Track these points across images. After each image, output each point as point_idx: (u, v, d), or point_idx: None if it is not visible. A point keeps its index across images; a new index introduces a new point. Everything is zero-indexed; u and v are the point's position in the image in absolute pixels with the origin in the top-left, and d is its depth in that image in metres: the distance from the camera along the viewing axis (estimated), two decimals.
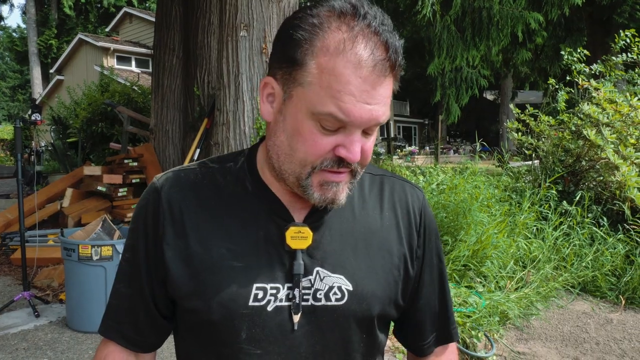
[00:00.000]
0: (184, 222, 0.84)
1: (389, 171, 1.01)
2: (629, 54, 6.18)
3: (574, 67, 6.20)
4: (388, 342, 3.14)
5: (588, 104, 5.52)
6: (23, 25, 35.79)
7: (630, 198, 4.67)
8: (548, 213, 5.02)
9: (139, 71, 21.09)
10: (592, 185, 5.57)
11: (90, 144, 9.63)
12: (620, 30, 6.36)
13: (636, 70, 6.25)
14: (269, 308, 0.81)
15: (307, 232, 0.82)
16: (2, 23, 32.19)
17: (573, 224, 4.89)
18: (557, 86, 6.32)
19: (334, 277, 0.84)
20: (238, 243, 0.83)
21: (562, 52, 6.57)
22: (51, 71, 25.36)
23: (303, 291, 0.82)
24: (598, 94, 5.50)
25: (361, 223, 0.89)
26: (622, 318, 3.90)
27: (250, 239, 0.83)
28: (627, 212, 4.75)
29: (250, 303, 0.81)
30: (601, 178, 5.41)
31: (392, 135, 22.21)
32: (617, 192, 4.96)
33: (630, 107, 5.21)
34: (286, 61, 0.76)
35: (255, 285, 0.81)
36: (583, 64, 6.22)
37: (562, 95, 6.10)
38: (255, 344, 0.82)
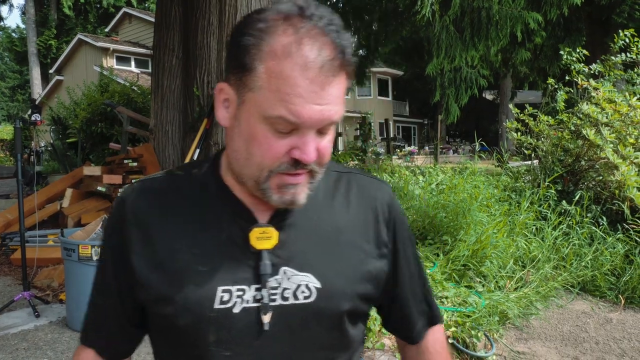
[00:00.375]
0: (150, 230, 0.85)
1: (357, 169, 1.03)
2: (628, 54, 6.18)
3: (573, 66, 6.21)
4: (388, 342, 3.14)
5: (587, 103, 5.53)
6: (22, 26, 35.80)
7: (630, 197, 4.67)
8: (547, 213, 5.03)
9: (139, 71, 21.10)
10: (591, 185, 5.58)
11: (90, 144, 9.63)
12: (620, 30, 6.37)
13: (635, 69, 6.25)
14: (235, 310, 0.82)
15: (272, 232, 0.83)
16: (2, 23, 32.17)
17: (572, 223, 4.90)
18: (556, 86, 6.33)
19: (301, 276, 0.84)
20: (202, 247, 0.84)
21: (561, 52, 6.58)
22: (51, 71, 25.35)
23: (270, 291, 0.83)
24: (597, 94, 5.51)
25: (328, 221, 0.90)
26: (621, 317, 3.91)
27: (215, 242, 0.84)
28: (627, 211, 4.75)
29: (216, 306, 0.81)
30: (600, 178, 5.42)
31: (391, 135, 22.20)
32: (617, 191, 4.97)
33: (630, 107, 5.22)
34: (237, 67, 0.77)
35: (220, 288, 0.82)
36: (582, 64, 6.23)
37: (561, 95, 6.11)
38: (224, 346, 0.82)
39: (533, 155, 6.23)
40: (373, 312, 1.04)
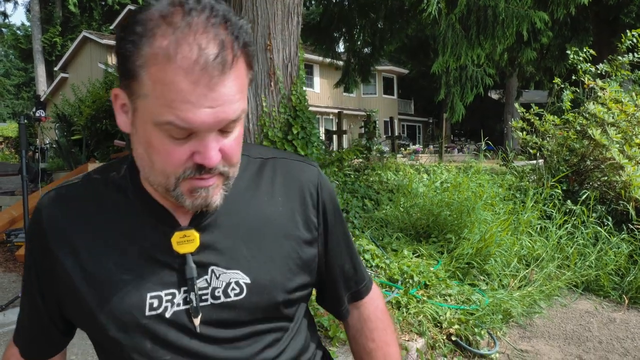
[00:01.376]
0: (68, 239, 0.82)
1: (282, 151, 0.99)
2: (635, 54, 6.15)
3: (579, 66, 6.18)
4: None
5: (593, 103, 5.50)
6: (27, 23, 35.94)
7: (635, 198, 4.66)
8: (552, 212, 5.01)
9: None
10: (596, 185, 5.56)
11: (94, 141, 9.66)
12: (627, 30, 6.33)
13: None
14: (167, 315, 0.80)
15: (193, 234, 0.81)
16: (7, 21, 32.26)
17: (577, 223, 4.88)
18: (562, 85, 6.30)
19: (229, 273, 0.83)
20: (127, 256, 0.81)
21: (568, 52, 6.54)
22: (55, 69, 25.46)
23: (200, 292, 0.81)
24: (604, 94, 5.49)
25: (253, 214, 0.87)
26: (625, 317, 3.90)
27: (139, 250, 0.81)
28: (632, 212, 4.73)
29: (147, 313, 0.79)
30: (606, 178, 5.40)
31: (396, 133, 22.19)
32: (622, 192, 4.95)
33: (636, 107, 5.20)
34: (123, 74, 0.72)
35: (149, 295, 0.80)
36: (589, 64, 6.20)
37: (567, 95, 6.08)
38: (162, 352, 0.81)
39: (538, 154, 6.21)
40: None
